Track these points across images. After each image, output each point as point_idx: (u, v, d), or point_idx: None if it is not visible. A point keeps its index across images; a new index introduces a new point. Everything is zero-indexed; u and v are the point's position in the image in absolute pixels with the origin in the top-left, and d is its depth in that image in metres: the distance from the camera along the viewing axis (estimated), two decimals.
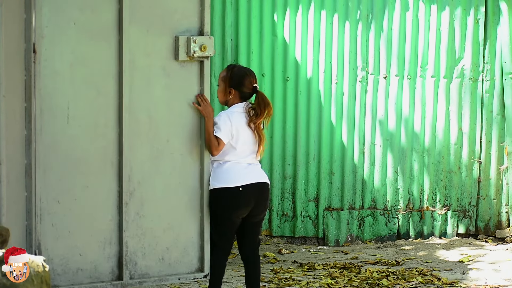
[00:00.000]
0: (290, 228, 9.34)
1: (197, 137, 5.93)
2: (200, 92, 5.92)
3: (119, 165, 5.64)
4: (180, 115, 5.87)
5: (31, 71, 5.27)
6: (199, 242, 5.98)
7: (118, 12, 5.59)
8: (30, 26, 5.25)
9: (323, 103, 9.25)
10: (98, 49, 5.57)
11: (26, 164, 5.28)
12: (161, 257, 5.82)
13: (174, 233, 5.87)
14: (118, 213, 5.64)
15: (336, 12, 9.22)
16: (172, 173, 5.85)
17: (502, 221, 9.41)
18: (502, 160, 9.38)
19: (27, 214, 5.29)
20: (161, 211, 5.83)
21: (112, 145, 5.61)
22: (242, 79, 6.08)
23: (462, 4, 9.26)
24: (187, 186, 5.90)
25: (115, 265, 5.65)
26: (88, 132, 5.55)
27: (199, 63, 5.90)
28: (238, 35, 9.20)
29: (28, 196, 5.29)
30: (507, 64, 9.25)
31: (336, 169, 9.30)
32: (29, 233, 5.30)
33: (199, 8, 5.89)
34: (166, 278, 5.89)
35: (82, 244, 5.54)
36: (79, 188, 5.52)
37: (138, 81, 5.68)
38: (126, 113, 5.64)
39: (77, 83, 5.52)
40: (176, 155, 5.86)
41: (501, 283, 7.51)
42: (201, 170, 5.94)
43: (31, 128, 5.28)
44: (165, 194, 5.81)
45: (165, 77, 5.78)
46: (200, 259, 6.00)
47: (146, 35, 5.70)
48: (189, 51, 5.80)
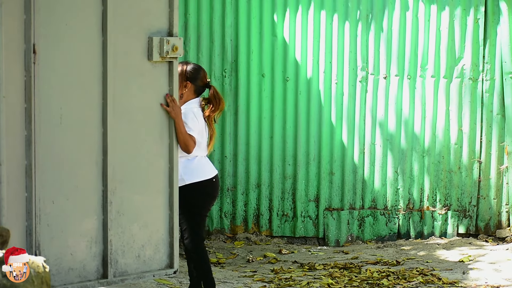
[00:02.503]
0: (290, 228, 9.34)
1: (165, 137, 6.03)
2: (169, 92, 6.01)
3: (103, 165, 5.70)
4: (152, 116, 5.98)
5: (31, 71, 5.28)
6: (169, 239, 6.07)
7: (102, 13, 5.65)
8: (30, 26, 5.26)
9: (323, 103, 9.26)
10: (85, 49, 5.62)
11: (26, 164, 5.29)
12: (137, 255, 5.92)
13: (148, 231, 5.97)
14: (102, 212, 5.72)
15: (336, 12, 9.22)
16: (146, 172, 5.95)
17: (502, 220, 9.41)
18: (502, 159, 9.38)
19: (27, 214, 5.29)
20: (137, 209, 5.93)
21: (97, 145, 5.69)
22: (197, 72, 6.32)
23: (462, 4, 9.26)
24: (158, 184, 6.00)
25: (100, 263, 5.72)
26: (77, 132, 5.61)
27: (168, 64, 5.99)
28: (238, 36, 9.21)
29: (28, 197, 5.30)
30: (507, 63, 9.25)
31: (336, 169, 9.31)
32: (29, 233, 5.30)
33: (168, 9, 5.98)
34: (142, 275, 6.01)
35: (73, 243, 5.60)
36: (70, 188, 5.58)
37: (119, 81, 5.76)
38: (110, 113, 5.71)
39: (68, 83, 5.56)
40: (150, 154, 5.96)
41: (502, 283, 7.51)
42: (170, 168, 6.04)
43: (31, 129, 5.29)
44: (140, 192, 5.91)
45: (141, 77, 5.88)
46: (170, 256, 6.11)
47: (125, 36, 5.77)
48: (162, 52, 5.91)
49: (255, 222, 9.34)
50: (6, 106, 5.01)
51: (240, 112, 9.23)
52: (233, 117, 9.25)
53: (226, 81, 9.24)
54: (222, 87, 9.23)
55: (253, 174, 9.28)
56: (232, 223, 9.33)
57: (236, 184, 9.29)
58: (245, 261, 8.51)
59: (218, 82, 9.23)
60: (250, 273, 7.91)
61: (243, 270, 8.07)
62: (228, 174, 9.27)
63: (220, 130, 9.25)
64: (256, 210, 9.33)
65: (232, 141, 9.27)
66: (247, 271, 8.00)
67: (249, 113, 9.23)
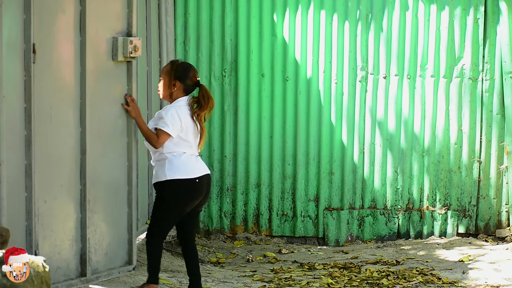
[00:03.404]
0: (290, 228, 9.34)
1: (125, 135, 6.12)
2: (128, 91, 6.09)
3: (81, 163, 5.75)
4: (115, 115, 6.06)
5: (31, 71, 5.28)
6: (127, 236, 6.17)
7: (80, 14, 5.67)
8: (30, 26, 5.26)
9: (322, 103, 9.25)
10: (67, 50, 5.64)
11: (26, 164, 5.29)
12: (106, 252, 6.01)
13: (113, 228, 6.06)
14: (81, 211, 5.75)
15: (335, 12, 9.22)
16: (111, 170, 6.02)
17: (502, 220, 9.41)
18: (502, 159, 9.37)
19: (27, 214, 5.30)
20: (105, 207, 6.01)
21: (77, 144, 5.73)
22: (187, 71, 6.30)
23: (461, 4, 9.26)
24: (119, 182, 6.08)
25: (79, 262, 5.77)
26: (63, 131, 5.67)
27: (127, 63, 6.03)
28: (238, 35, 9.20)
29: (28, 197, 5.31)
30: (507, 63, 9.25)
31: (336, 169, 9.31)
32: (29, 233, 5.31)
33: (127, 10, 6.06)
34: (110, 272, 6.10)
35: (60, 242, 5.64)
36: (58, 188, 5.62)
37: (93, 82, 5.78)
38: (88, 112, 5.77)
39: (56, 83, 5.58)
40: (114, 153, 6.05)
41: (501, 282, 7.50)
42: (128, 167, 6.11)
43: (31, 129, 5.30)
44: (107, 190, 5.97)
45: (107, 77, 5.95)
46: (129, 252, 6.22)
47: (95, 36, 5.81)
48: (125, 52, 5.97)
49: (255, 221, 9.34)
50: (6, 106, 5.01)
51: (239, 111, 9.23)
52: (232, 117, 9.25)
53: (225, 80, 9.24)
54: (221, 87, 9.23)
55: (253, 173, 9.28)
56: (232, 223, 9.33)
57: (236, 184, 9.29)
58: (245, 261, 8.51)
59: (217, 82, 9.23)
60: (250, 272, 7.90)
61: (243, 269, 8.07)
62: (227, 173, 9.27)
63: (220, 130, 9.25)
64: (256, 210, 9.32)
65: (232, 140, 9.27)
66: (247, 270, 8.00)
67: (248, 112, 9.23)
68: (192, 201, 6.25)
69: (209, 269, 7.97)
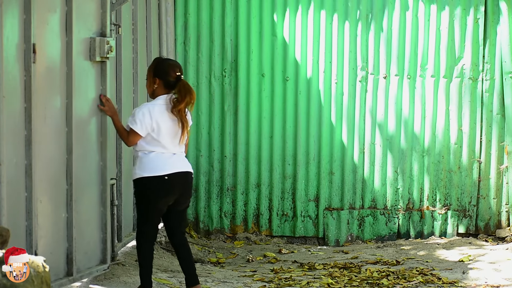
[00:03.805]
0: (290, 228, 9.34)
1: (100, 135, 6.16)
2: (102, 91, 6.13)
3: (67, 163, 5.79)
4: (92, 114, 6.09)
5: (31, 71, 5.29)
6: (102, 235, 6.21)
7: (66, 14, 5.68)
8: (30, 26, 5.26)
9: (323, 103, 9.25)
10: (55, 49, 5.67)
11: (26, 164, 5.29)
12: (86, 251, 6.02)
13: (90, 228, 6.08)
14: (67, 210, 5.76)
15: (335, 12, 9.22)
16: (88, 170, 6.06)
17: (502, 220, 9.41)
18: (502, 159, 9.37)
19: (27, 214, 5.30)
20: (84, 206, 6.03)
21: (64, 144, 5.72)
22: (166, 68, 6.25)
23: (461, 4, 9.26)
24: (94, 181, 6.11)
25: (65, 261, 5.77)
26: (54, 131, 5.67)
27: (101, 63, 6.11)
28: (238, 35, 9.20)
29: (28, 197, 5.31)
30: (507, 63, 9.25)
31: (336, 169, 9.31)
32: (29, 233, 5.31)
33: (100, 11, 6.10)
34: (91, 272, 6.13)
35: (52, 242, 5.66)
36: (51, 187, 5.64)
37: (75, 81, 5.81)
38: (74, 113, 5.81)
39: (49, 83, 5.60)
40: (91, 152, 6.09)
41: (502, 282, 7.50)
42: (102, 166, 6.16)
43: (31, 129, 5.30)
44: (85, 189, 6.00)
45: (86, 77, 5.94)
46: (103, 251, 6.25)
47: (76, 36, 5.83)
48: (102, 52, 5.97)
49: (255, 221, 9.34)
50: (6, 106, 5.01)
51: (240, 112, 9.23)
52: (233, 117, 9.25)
53: (226, 80, 9.24)
54: (222, 87, 9.23)
55: (253, 173, 9.28)
56: (232, 223, 9.33)
57: (236, 184, 9.29)
58: (245, 261, 8.51)
59: (218, 82, 9.23)
60: (250, 272, 7.90)
61: (243, 269, 8.07)
62: (228, 173, 9.27)
63: (220, 130, 9.25)
64: (256, 210, 9.32)
65: (232, 140, 9.27)
66: (247, 270, 8.00)
67: (249, 112, 9.23)
68: (162, 199, 6.16)
69: (209, 269, 7.96)
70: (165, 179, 6.14)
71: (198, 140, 9.26)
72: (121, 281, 6.76)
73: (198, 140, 9.26)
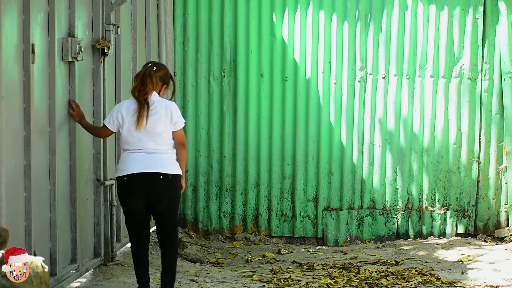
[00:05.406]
0: (289, 228, 9.34)
1: (69, 135, 6.16)
2: (71, 91, 6.15)
3: (50, 163, 5.79)
4: (62, 115, 6.08)
5: (30, 71, 5.29)
6: (72, 235, 6.20)
7: (48, 14, 5.69)
8: (29, 26, 5.27)
9: (322, 103, 9.26)
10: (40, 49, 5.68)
11: (25, 164, 5.29)
12: (63, 251, 6.01)
13: (63, 228, 6.07)
14: (50, 211, 5.77)
15: (334, 12, 9.23)
16: (63, 169, 6.05)
17: (501, 220, 9.41)
18: (501, 159, 9.38)
19: (26, 215, 5.30)
20: (62, 206, 6.03)
21: (49, 144, 5.73)
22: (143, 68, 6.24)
23: (460, 4, 9.27)
24: (64, 181, 6.09)
25: (48, 261, 5.77)
26: (42, 131, 5.67)
27: (69, 64, 6.15)
28: (237, 36, 9.21)
29: (27, 197, 5.31)
30: (506, 63, 9.26)
31: (335, 169, 9.31)
32: (28, 234, 5.31)
33: (69, 11, 6.12)
34: (67, 271, 6.10)
35: (41, 242, 5.66)
36: (43, 189, 5.63)
37: (51, 82, 5.83)
38: (57, 113, 5.83)
39: (40, 82, 5.61)
40: (65, 153, 6.08)
41: (501, 282, 7.50)
42: (71, 166, 6.17)
43: (30, 129, 5.31)
44: (58, 190, 5.96)
45: (59, 77, 5.97)
46: (73, 251, 6.25)
47: (51, 37, 5.83)
48: (73, 53, 5.98)
49: (254, 222, 9.34)
50: (5, 106, 5.01)
51: (239, 112, 9.23)
52: (232, 117, 9.25)
53: (225, 81, 9.24)
54: (221, 87, 9.23)
55: (252, 174, 9.29)
56: (231, 223, 9.33)
57: (235, 184, 9.29)
58: (244, 261, 8.51)
59: (217, 82, 9.23)
60: (249, 273, 7.90)
61: (242, 270, 8.07)
62: (227, 174, 9.27)
63: (219, 130, 9.25)
64: (255, 210, 9.33)
65: (231, 141, 9.27)
66: (246, 271, 8.00)
67: (248, 113, 9.23)
68: (127, 201, 6.07)
69: (208, 269, 7.96)
70: (124, 180, 6.05)
71: (197, 140, 9.26)
72: (120, 281, 6.76)
73: (197, 140, 9.26)
